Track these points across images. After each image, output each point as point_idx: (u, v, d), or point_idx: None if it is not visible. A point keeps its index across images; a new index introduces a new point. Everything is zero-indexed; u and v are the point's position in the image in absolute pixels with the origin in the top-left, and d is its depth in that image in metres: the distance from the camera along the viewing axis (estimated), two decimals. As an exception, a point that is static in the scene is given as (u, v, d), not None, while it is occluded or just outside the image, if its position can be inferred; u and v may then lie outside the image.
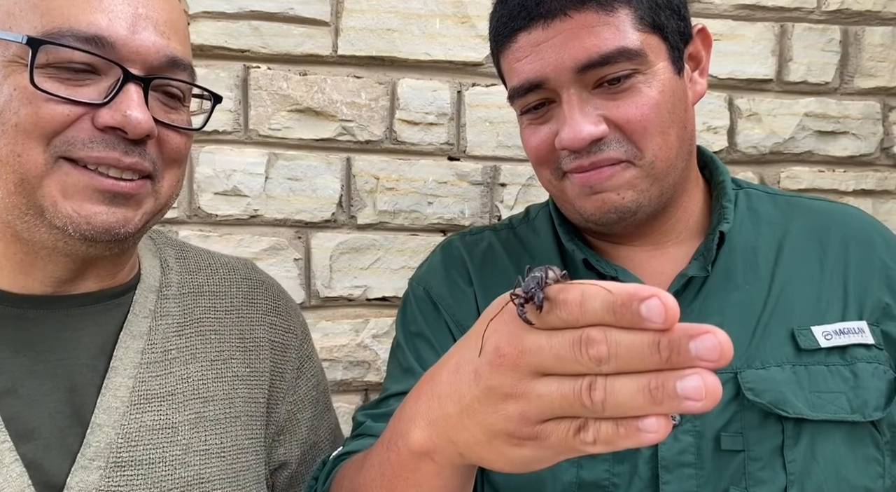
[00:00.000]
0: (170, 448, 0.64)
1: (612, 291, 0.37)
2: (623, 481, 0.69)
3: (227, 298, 0.74)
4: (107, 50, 0.56)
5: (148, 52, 0.58)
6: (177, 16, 0.63)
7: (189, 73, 0.62)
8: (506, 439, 0.44)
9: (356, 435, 0.77)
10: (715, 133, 1.18)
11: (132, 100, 0.57)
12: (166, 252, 0.74)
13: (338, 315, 1.12)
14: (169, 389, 0.65)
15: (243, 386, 0.71)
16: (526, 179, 1.14)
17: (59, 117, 0.55)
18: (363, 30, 1.10)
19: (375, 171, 1.12)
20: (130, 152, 0.58)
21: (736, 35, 1.18)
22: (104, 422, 0.61)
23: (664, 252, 0.78)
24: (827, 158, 1.21)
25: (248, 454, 0.70)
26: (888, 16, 1.21)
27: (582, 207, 0.73)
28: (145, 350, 0.65)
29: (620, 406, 0.38)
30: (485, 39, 1.13)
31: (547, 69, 0.70)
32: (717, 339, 0.35)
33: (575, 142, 0.69)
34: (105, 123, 0.56)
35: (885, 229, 0.80)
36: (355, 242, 1.11)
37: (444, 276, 0.84)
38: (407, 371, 0.79)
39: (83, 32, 0.55)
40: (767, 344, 0.71)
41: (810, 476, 0.67)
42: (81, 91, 0.56)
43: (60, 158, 0.56)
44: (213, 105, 0.67)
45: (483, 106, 1.14)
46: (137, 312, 0.67)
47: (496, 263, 0.84)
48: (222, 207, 1.08)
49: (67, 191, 0.56)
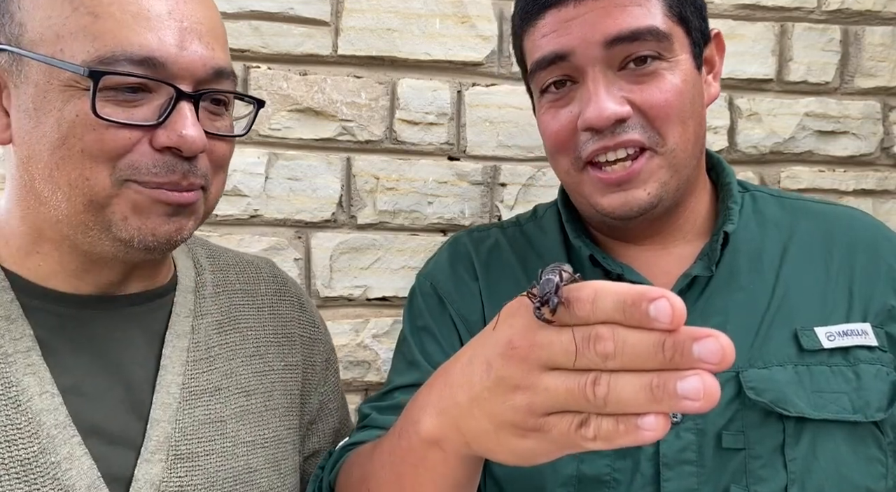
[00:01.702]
0: (220, 441, 0.67)
1: (623, 290, 0.39)
2: (624, 478, 0.69)
3: (258, 296, 0.77)
4: (158, 70, 0.58)
5: (196, 66, 0.60)
6: (216, 20, 0.64)
7: (232, 81, 0.64)
8: (511, 430, 0.45)
9: (362, 427, 0.79)
10: (715, 133, 1.18)
11: (186, 118, 0.59)
12: (198, 252, 0.76)
13: (338, 315, 1.12)
14: (215, 384, 0.68)
15: (279, 380, 0.75)
16: (526, 178, 1.14)
17: (122, 141, 0.58)
18: (363, 30, 1.10)
19: (375, 171, 1.12)
20: (187, 173, 0.60)
21: (736, 35, 1.18)
22: (161, 417, 0.64)
23: (670, 252, 0.78)
24: (827, 157, 1.21)
25: (286, 445, 0.73)
26: (888, 15, 1.21)
27: (599, 203, 0.73)
28: (190, 348, 0.68)
29: (622, 402, 0.39)
30: (485, 39, 1.13)
31: (575, 42, 0.70)
32: (720, 343, 0.37)
33: (600, 120, 0.69)
34: (163, 144, 0.58)
35: (892, 233, 0.80)
36: (355, 242, 1.11)
37: (450, 271, 0.85)
38: (412, 364, 0.80)
39: (136, 55, 0.57)
40: (770, 344, 0.71)
41: (811, 475, 0.68)
42: (137, 112, 0.58)
43: (127, 181, 0.59)
44: (257, 110, 0.69)
45: (483, 106, 1.13)
46: (179, 312, 0.69)
47: (502, 260, 0.84)
48: (222, 207, 1.08)
49: (137, 208, 0.59)
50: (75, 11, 0.57)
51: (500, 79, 1.14)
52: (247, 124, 0.69)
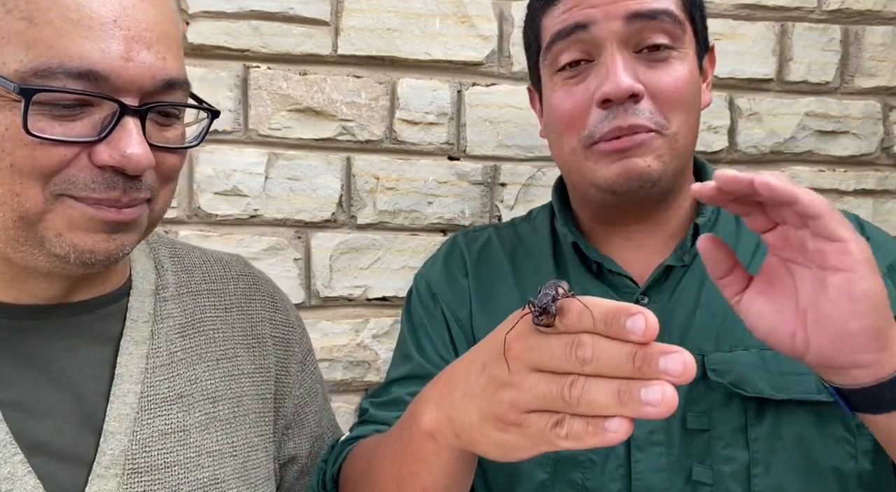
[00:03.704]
0: (183, 451, 0.63)
1: (608, 305, 0.44)
2: (599, 458, 0.73)
3: (226, 296, 0.73)
4: (100, 84, 0.52)
5: (143, 79, 0.54)
6: (169, 24, 0.58)
7: (184, 91, 0.59)
8: (494, 423, 0.50)
9: (361, 422, 0.83)
10: (715, 133, 1.18)
11: (130, 136, 0.53)
12: (160, 252, 0.72)
13: (338, 315, 1.12)
14: (178, 391, 0.65)
15: (250, 383, 0.71)
16: (526, 178, 1.14)
17: (56, 158, 0.53)
18: (363, 29, 1.10)
19: (375, 170, 1.12)
20: (129, 189, 0.56)
21: (736, 35, 1.18)
22: (116, 429, 0.60)
23: (652, 245, 0.81)
24: (827, 157, 1.21)
25: (258, 452, 0.70)
26: (889, 15, 1.21)
27: (604, 175, 0.75)
28: (150, 355, 0.65)
29: (592, 403, 0.44)
30: (485, 39, 1.13)
31: (597, 14, 0.73)
32: (683, 358, 0.42)
33: (619, 91, 0.72)
34: (103, 162, 0.54)
35: (866, 223, 0.81)
36: (355, 242, 1.11)
37: (443, 270, 0.89)
38: (406, 358, 0.85)
39: (75, 68, 0.51)
40: (737, 329, 0.73)
41: (776, 455, 0.70)
42: (75, 126, 0.53)
43: (61, 195, 0.54)
44: (211, 120, 0.63)
45: (483, 106, 1.13)
46: (136, 317, 0.66)
47: (492, 257, 0.87)
48: (222, 207, 1.08)
49: (73, 224, 0.55)
50: (8, 14, 0.51)
51: (500, 79, 1.14)
52: (200, 133, 0.63)
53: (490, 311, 0.83)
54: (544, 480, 0.74)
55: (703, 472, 0.71)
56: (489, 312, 0.83)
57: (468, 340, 0.83)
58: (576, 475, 0.73)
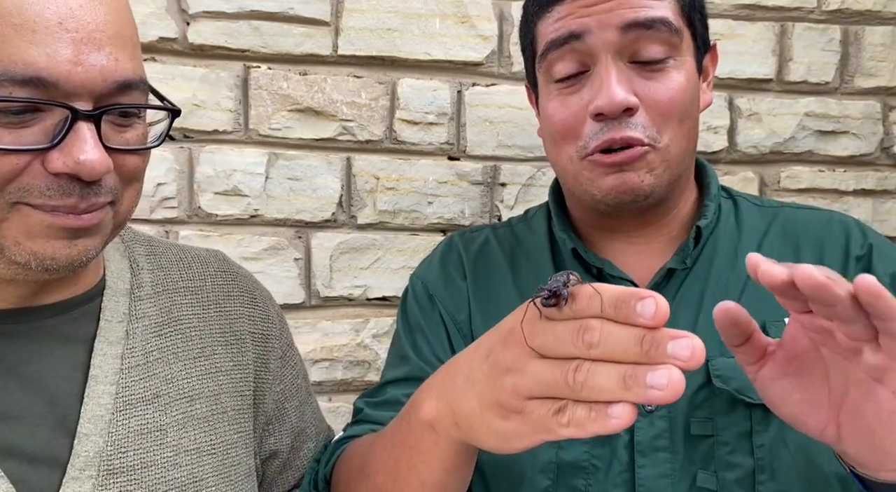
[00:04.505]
0: (160, 451, 0.63)
1: (619, 289, 0.43)
2: (602, 464, 0.72)
3: (204, 293, 0.72)
4: (49, 90, 0.50)
5: (94, 82, 0.52)
6: (123, 22, 0.55)
7: (142, 91, 0.56)
8: (496, 410, 0.49)
9: (355, 421, 0.82)
10: (715, 133, 1.18)
11: (84, 142, 0.52)
12: (136, 250, 0.71)
13: (338, 315, 1.12)
14: (154, 391, 0.64)
15: (228, 381, 0.71)
16: (526, 178, 1.15)
17: (8, 167, 0.51)
18: (363, 30, 1.10)
19: (375, 170, 1.12)
20: (87, 194, 0.54)
21: (736, 35, 1.18)
22: (91, 431, 0.60)
23: (653, 249, 0.80)
24: (827, 157, 1.21)
25: (237, 449, 0.69)
26: (888, 15, 1.21)
27: (599, 186, 0.75)
28: (125, 355, 0.64)
29: (596, 388, 0.43)
30: (485, 39, 1.13)
31: (592, 24, 0.72)
32: (693, 343, 0.41)
33: (612, 105, 0.71)
34: (57, 169, 0.52)
35: (867, 228, 0.81)
36: (355, 242, 1.11)
37: (440, 271, 0.88)
38: (402, 359, 0.84)
39: (20, 75, 0.49)
40: None
41: (780, 461, 0.70)
42: (26, 134, 0.51)
43: (17, 203, 0.53)
44: (172, 119, 0.61)
45: (483, 106, 1.14)
46: (110, 317, 0.65)
47: (490, 258, 0.87)
48: (222, 207, 1.08)
49: (30, 232, 0.53)
50: None
51: (500, 79, 1.14)
52: (162, 133, 0.61)
53: (489, 312, 0.83)
54: (547, 486, 0.73)
55: (707, 478, 0.70)
56: (489, 313, 0.83)
57: (467, 343, 0.82)
58: (578, 482, 0.72)
